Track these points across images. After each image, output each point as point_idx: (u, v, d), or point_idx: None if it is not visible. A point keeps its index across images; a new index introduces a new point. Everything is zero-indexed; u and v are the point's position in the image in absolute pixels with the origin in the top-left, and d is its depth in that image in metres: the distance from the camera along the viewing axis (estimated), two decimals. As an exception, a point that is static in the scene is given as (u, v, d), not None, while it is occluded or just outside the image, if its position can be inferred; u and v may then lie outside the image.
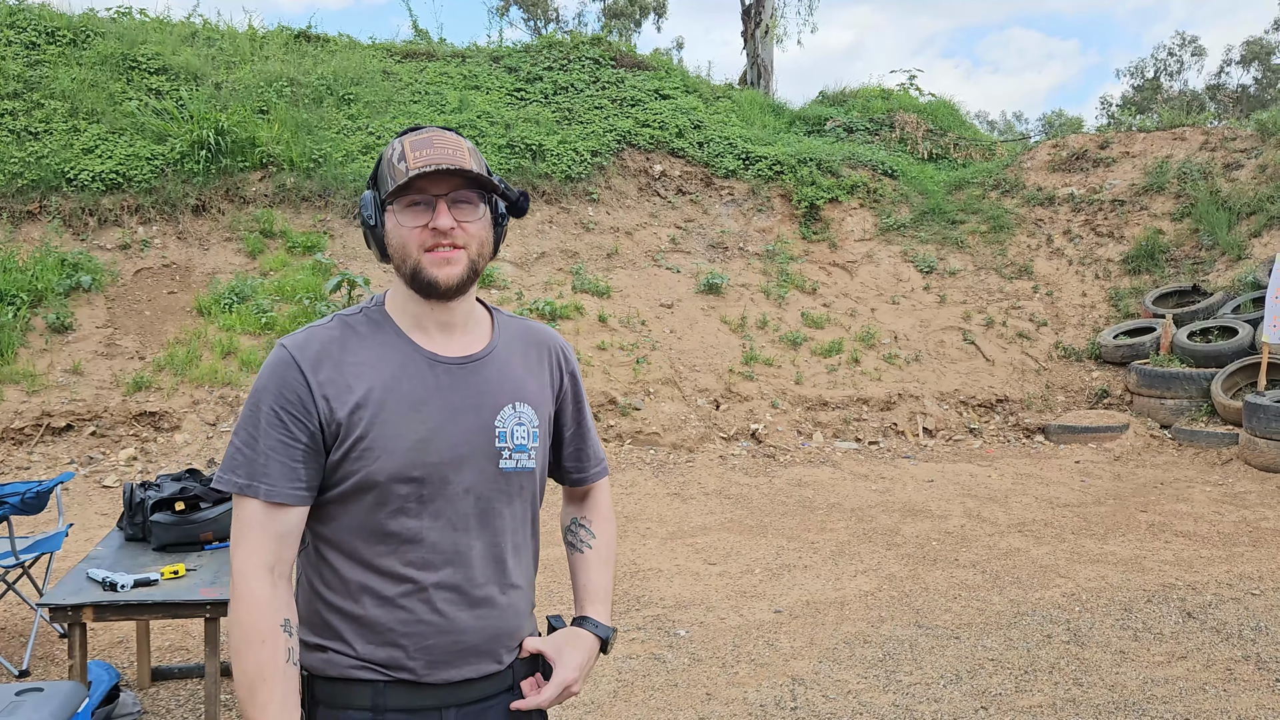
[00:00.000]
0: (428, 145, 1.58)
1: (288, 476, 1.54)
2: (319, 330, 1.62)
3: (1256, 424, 8.38)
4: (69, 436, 8.11)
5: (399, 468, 1.56)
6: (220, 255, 10.51)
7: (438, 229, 1.57)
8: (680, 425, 9.30)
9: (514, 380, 1.71)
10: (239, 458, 1.55)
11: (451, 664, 1.61)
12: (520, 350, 1.76)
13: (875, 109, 16.54)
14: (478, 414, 1.64)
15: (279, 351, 1.58)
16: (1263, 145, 13.06)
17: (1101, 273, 12.39)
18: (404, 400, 1.58)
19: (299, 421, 1.54)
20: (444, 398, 1.62)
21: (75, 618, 3.16)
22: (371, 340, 1.63)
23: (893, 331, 11.35)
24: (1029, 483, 8.21)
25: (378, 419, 1.56)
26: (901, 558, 6.14)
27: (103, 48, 12.13)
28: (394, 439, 1.56)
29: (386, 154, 1.63)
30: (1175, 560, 6.02)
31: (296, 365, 1.56)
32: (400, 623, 1.58)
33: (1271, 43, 37.84)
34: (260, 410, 1.55)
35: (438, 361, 1.63)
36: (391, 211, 1.60)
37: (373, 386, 1.58)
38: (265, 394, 1.56)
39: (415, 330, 1.65)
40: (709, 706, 4.00)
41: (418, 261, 1.58)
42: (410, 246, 1.58)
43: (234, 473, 1.55)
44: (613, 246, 11.85)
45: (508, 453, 1.66)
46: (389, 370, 1.60)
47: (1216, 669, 4.34)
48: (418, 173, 1.54)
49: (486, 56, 14.63)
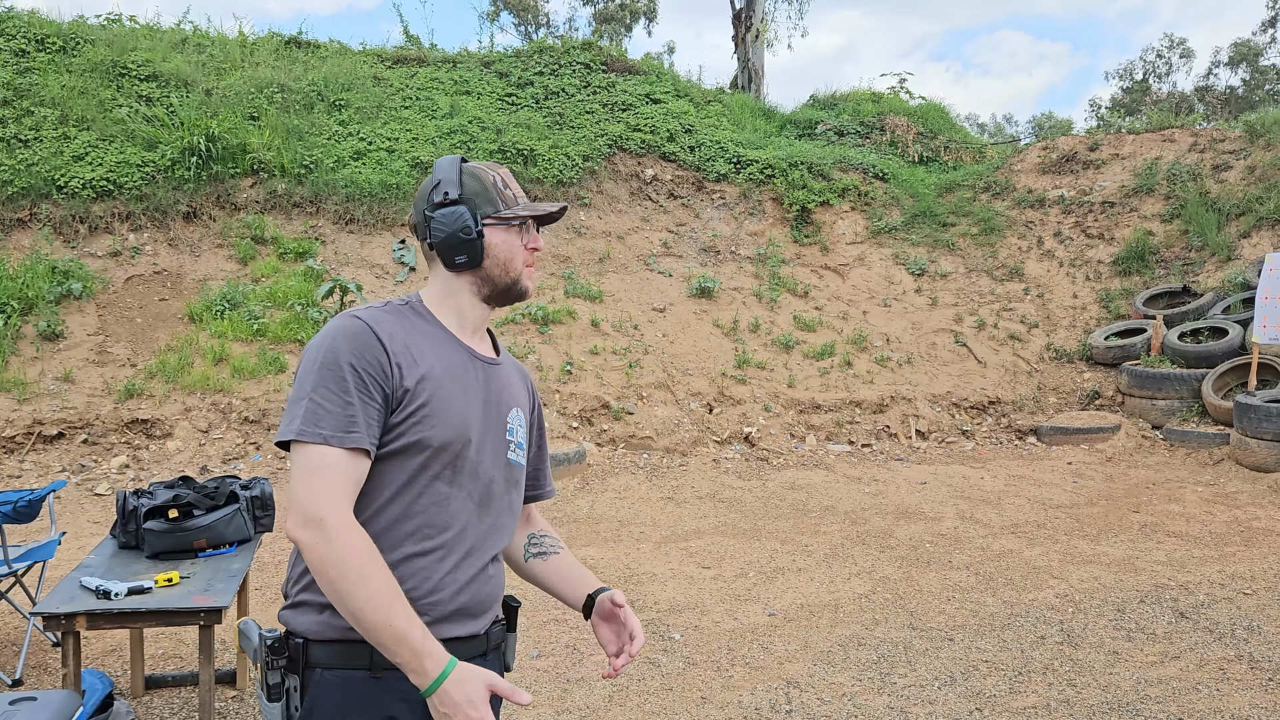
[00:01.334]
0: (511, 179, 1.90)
1: (369, 431, 1.66)
2: (382, 310, 1.78)
3: (1247, 424, 8.42)
4: (60, 445, 8.08)
5: (450, 437, 1.73)
6: (211, 262, 10.49)
7: (538, 250, 1.90)
8: (673, 429, 9.31)
9: (515, 389, 1.96)
10: (322, 412, 1.63)
11: (449, 621, 1.73)
12: (514, 369, 2.02)
13: (866, 112, 16.60)
14: (498, 408, 1.87)
15: (352, 321, 1.71)
16: (1251, 146, 13.13)
17: (1092, 274, 12.44)
18: (456, 381, 1.78)
19: (377, 383, 1.67)
20: (479, 389, 1.83)
21: (69, 626, 3.15)
22: (425, 327, 1.81)
23: (884, 334, 11.38)
24: (1021, 484, 8.23)
25: (439, 392, 1.73)
26: (895, 560, 6.15)
27: (92, 55, 12.11)
28: (449, 411, 1.74)
29: (485, 178, 1.85)
30: (1168, 560, 6.04)
31: (374, 333, 1.70)
32: (413, 577, 1.69)
33: (1259, 44, 38.04)
34: (342, 369, 1.65)
35: (475, 357, 1.85)
36: (499, 229, 1.83)
37: (434, 364, 1.75)
38: (345, 355, 1.67)
39: (456, 327, 1.85)
40: (704, 710, 4.00)
41: (520, 273, 1.87)
42: (517, 260, 1.86)
43: (319, 426, 1.62)
44: (604, 251, 11.85)
45: (513, 447, 1.90)
46: (443, 354, 1.79)
47: (1209, 669, 4.36)
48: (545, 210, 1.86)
49: (477, 62, 14.64)
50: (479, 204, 1.82)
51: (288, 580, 1.80)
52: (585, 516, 7.32)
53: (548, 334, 10.11)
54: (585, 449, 8.59)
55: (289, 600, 1.76)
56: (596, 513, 7.43)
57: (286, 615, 1.75)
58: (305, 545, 1.58)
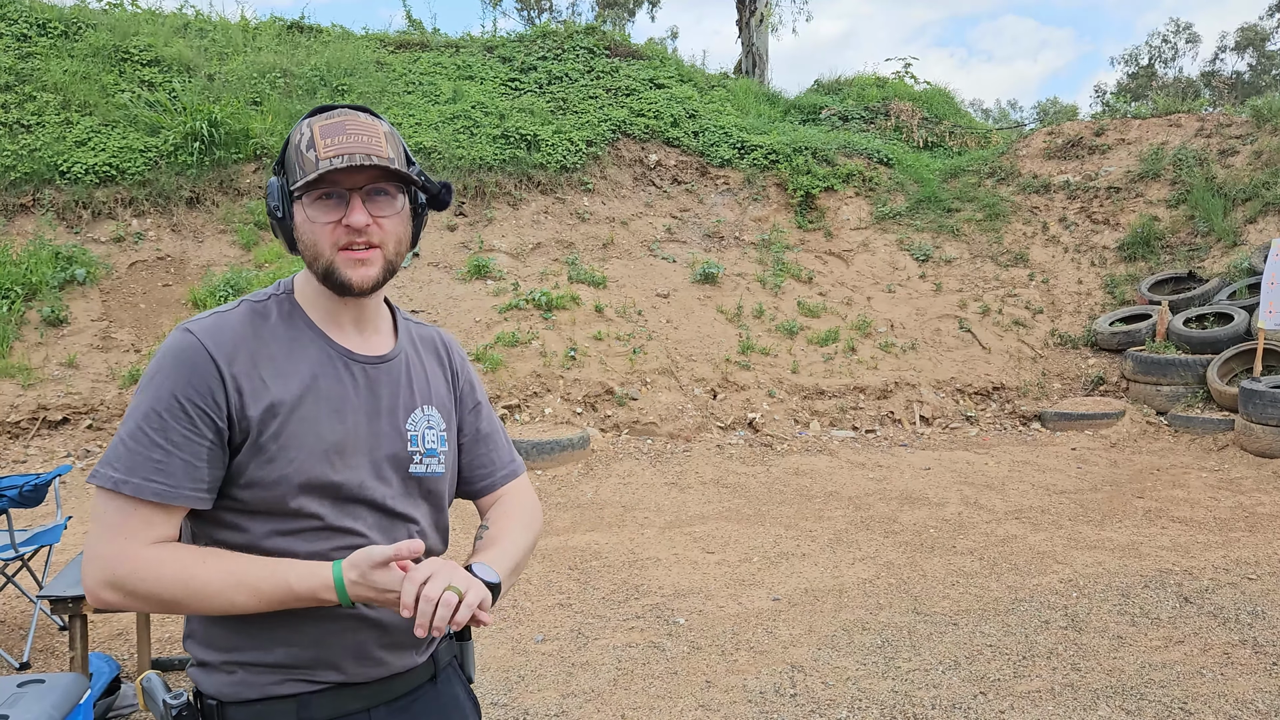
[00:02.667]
0: (340, 131, 1.45)
1: (190, 475, 1.39)
2: (228, 317, 1.48)
3: (1252, 410, 8.40)
4: (65, 430, 8.10)
5: (317, 471, 1.44)
6: (214, 247, 10.49)
7: (351, 226, 1.45)
8: (677, 415, 9.31)
9: (422, 382, 1.64)
10: (122, 450, 1.38)
11: (379, 660, 1.52)
12: (421, 352, 1.69)
13: (870, 97, 16.54)
14: (391, 418, 1.56)
15: (184, 337, 1.42)
16: (1258, 131, 13.06)
17: (1097, 260, 12.40)
18: (323, 401, 1.48)
19: (206, 416, 1.39)
20: (361, 400, 1.53)
21: (75, 610, 3.16)
22: (284, 332, 1.50)
23: (889, 320, 11.36)
24: (1026, 470, 8.23)
25: (294, 417, 1.44)
26: (899, 545, 6.15)
27: (94, 40, 12.08)
28: (312, 440, 1.45)
29: (294, 138, 1.49)
30: (1172, 546, 6.04)
31: (207, 354, 1.41)
32: (326, 621, 1.47)
33: (1266, 29, 37.84)
34: (162, 401, 1.38)
35: (353, 360, 1.54)
36: (300, 204, 1.47)
37: (290, 384, 1.46)
38: (168, 383, 1.39)
39: (329, 324, 1.55)
40: (709, 694, 4.01)
41: (331, 261, 1.46)
42: (322, 244, 1.46)
43: (112, 467, 1.37)
44: (608, 236, 11.83)
45: (419, 457, 1.58)
46: (306, 367, 1.49)
47: (1213, 653, 4.36)
48: (329, 166, 1.41)
49: (480, 47, 14.59)
50: (288, 173, 1.49)
51: (186, 634, 1.54)
52: (589, 502, 7.33)
53: (551, 320, 10.10)
54: (589, 435, 8.60)
55: (193, 658, 1.51)
56: (600, 498, 7.44)
57: (195, 674, 1.51)
58: (116, 605, 1.38)
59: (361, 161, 1.41)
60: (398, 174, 1.47)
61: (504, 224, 11.56)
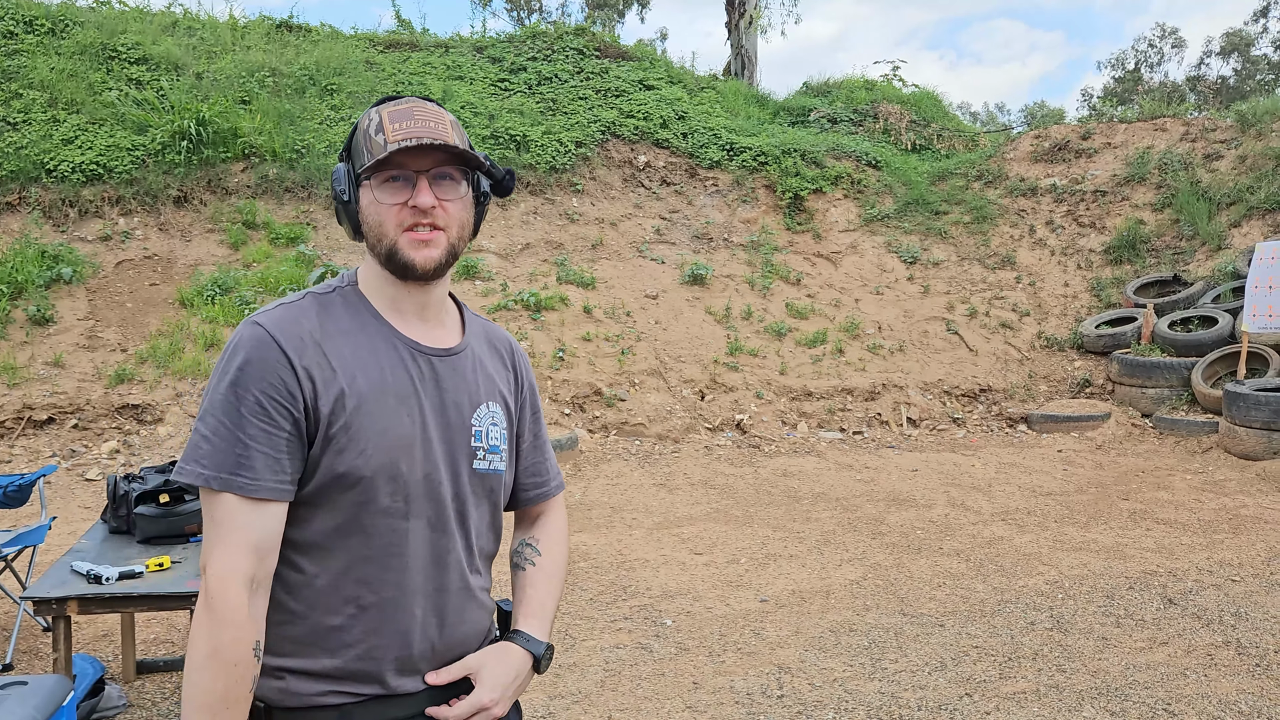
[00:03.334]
0: (408, 117, 1.47)
1: (272, 469, 1.39)
2: (294, 308, 1.48)
3: (1236, 412, 8.46)
4: (51, 429, 8.06)
5: (386, 463, 1.45)
6: (202, 247, 10.45)
7: (418, 207, 1.47)
8: (665, 416, 9.31)
9: (487, 379, 1.64)
10: (205, 447, 1.38)
11: (422, 670, 1.52)
12: (488, 349, 1.68)
13: (859, 100, 16.58)
14: (458, 411, 1.55)
15: (253, 329, 1.43)
16: (1242, 136, 13.15)
17: (1083, 262, 12.46)
18: (390, 392, 1.47)
19: (282, 408, 1.40)
20: (427, 392, 1.52)
21: (60, 611, 3.15)
22: (350, 322, 1.51)
23: (877, 322, 11.39)
24: (1012, 472, 8.26)
25: (362, 409, 1.44)
26: (886, 547, 6.18)
27: (82, 37, 12.02)
28: (380, 433, 1.45)
29: (362, 124, 1.51)
30: (1156, 547, 6.07)
31: (278, 345, 1.41)
32: (377, 629, 1.47)
33: (1251, 34, 38.10)
34: (237, 394, 1.39)
35: (420, 352, 1.54)
36: (367, 187, 1.49)
37: (356, 375, 1.45)
38: (242, 376, 1.39)
39: (393, 313, 1.55)
40: (696, 695, 4.02)
41: (394, 242, 1.48)
42: (387, 225, 1.48)
43: (199, 463, 1.38)
44: (597, 237, 11.84)
45: (482, 453, 1.58)
46: (372, 358, 1.48)
47: (1197, 654, 4.39)
48: (398, 147, 1.42)
49: (470, 47, 14.57)
50: (355, 158, 1.51)
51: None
52: (577, 503, 7.33)
53: (540, 320, 10.10)
54: (577, 435, 8.60)
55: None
56: (589, 499, 7.44)
57: None
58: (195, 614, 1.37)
59: (430, 142, 1.44)
60: (464, 156, 1.50)
61: (493, 224, 11.55)
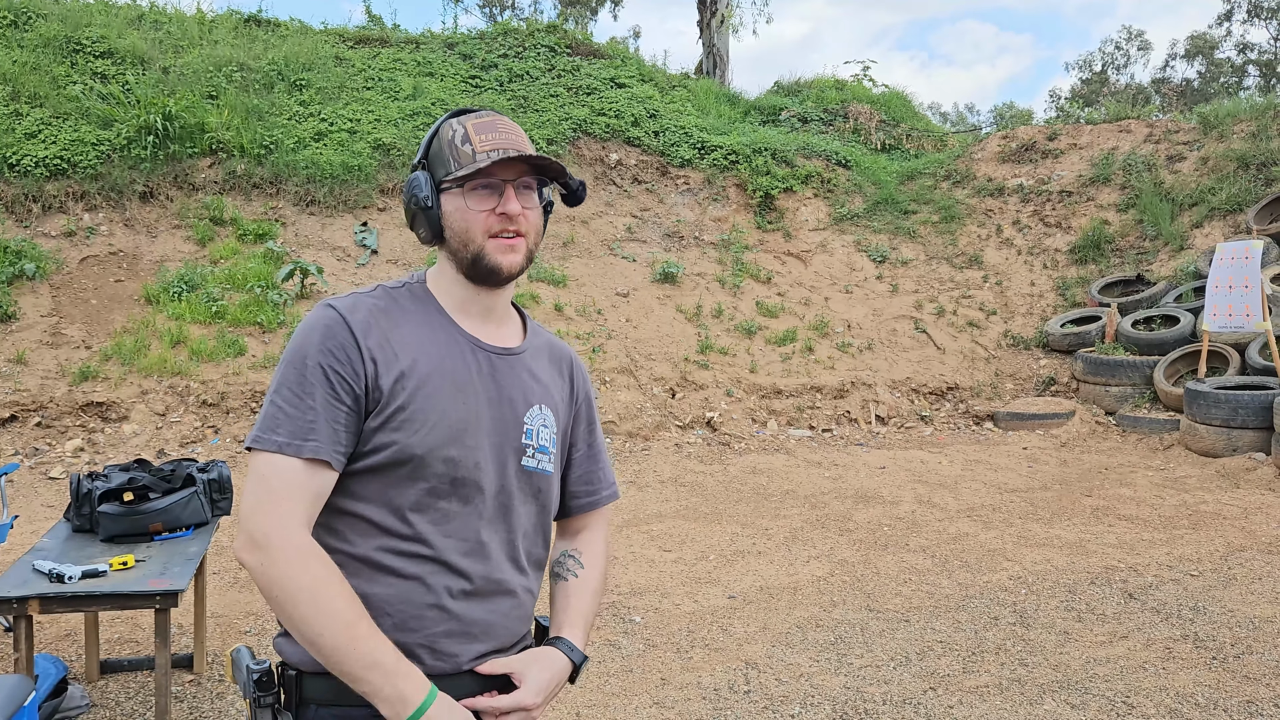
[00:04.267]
0: (493, 129, 1.57)
1: (332, 438, 1.47)
2: (365, 297, 1.58)
3: (1197, 410, 8.60)
4: (13, 427, 7.95)
5: (438, 444, 1.51)
6: (169, 243, 10.34)
7: (507, 214, 1.56)
8: (636, 414, 9.34)
9: (542, 382, 1.70)
10: (281, 416, 1.47)
11: (456, 654, 1.55)
12: (547, 358, 1.75)
13: (829, 100, 16.68)
14: (511, 407, 1.62)
15: (326, 312, 1.53)
16: (1205, 138, 13.37)
17: (1049, 262, 12.62)
18: (447, 379, 1.55)
19: (345, 383, 1.49)
20: (484, 385, 1.60)
21: (21, 610, 3.11)
22: (416, 314, 1.60)
23: (846, 320, 11.47)
24: (978, 469, 8.36)
25: (420, 391, 1.52)
26: (853, 543, 6.23)
27: (45, 30, 11.85)
28: (436, 414, 1.52)
29: (445, 135, 1.60)
30: (1118, 543, 6.17)
31: (347, 326, 1.51)
32: (415, 605, 1.51)
33: (1215, 37, 38.68)
34: (307, 368, 1.48)
35: (480, 348, 1.62)
36: (453, 194, 1.57)
37: (417, 359, 1.54)
38: (312, 352, 1.49)
39: (459, 313, 1.63)
40: (664, 691, 4.04)
41: (482, 247, 1.56)
42: (475, 231, 1.56)
43: (274, 432, 1.46)
44: (568, 235, 11.83)
45: (531, 451, 1.64)
46: (434, 347, 1.57)
47: (1156, 648, 4.47)
48: (495, 158, 1.52)
49: (441, 43, 14.52)
50: (436, 166, 1.60)
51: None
52: (547, 501, 7.33)
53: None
54: (548, 433, 8.59)
55: (282, 626, 1.54)
56: (558, 497, 7.44)
57: (280, 643, 1.56)
58: (250, 568, 1.42)
59: (517, 154, 1.53)
60: (550, 167, 1.59)
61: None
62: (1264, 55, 37.94)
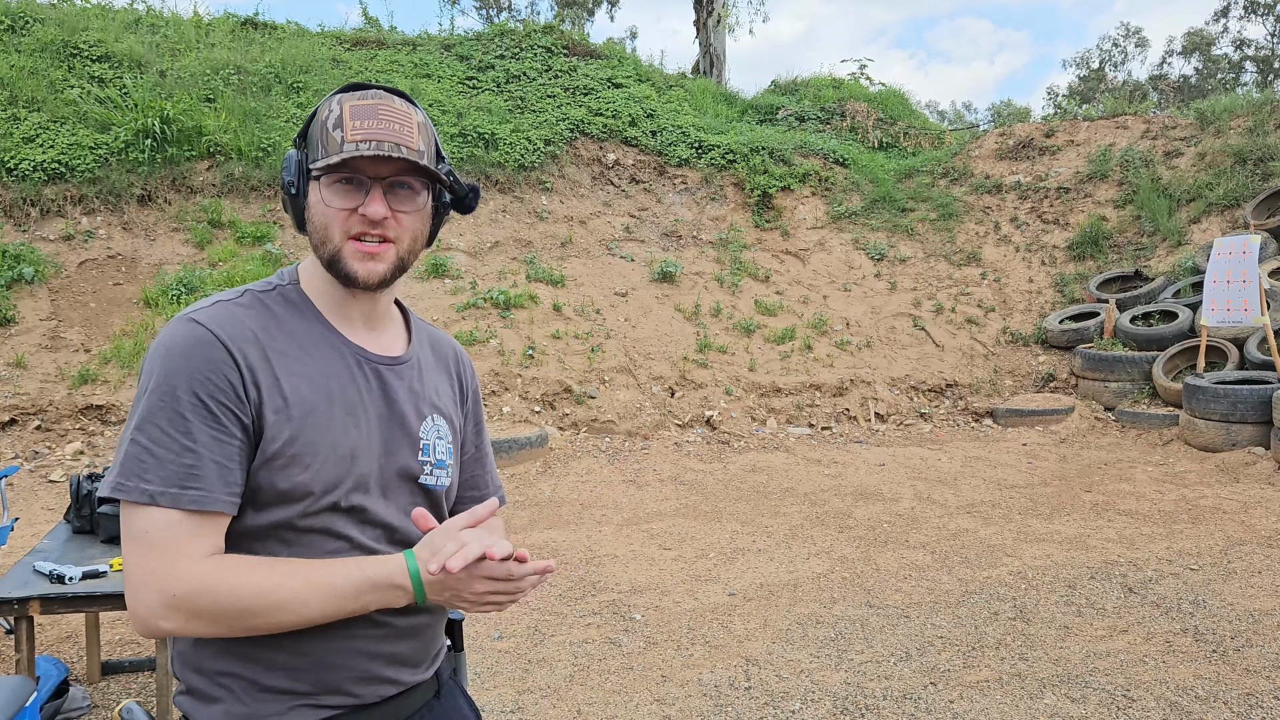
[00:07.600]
0: (371, 115, 1.35)
1: (221, 480, 1.26)
2: (233, 306, 1.35)
3: (1195, 405, 8.61)
4: (13, 431, 7.95)
5: (334, 477, 1.34)
6: (167, 246, 10.34)
7: (368, 217, 1.34)
8: (635, 413, 9.34)
9: (433, 389, 1.54)
10: (149, 460, 1.24)
11: (386, 678, 1.44)
12: (433, 358, 1.59)
13: (826, 98, 16.70)
14: (404, 424, 1.45)
15: (192, 328, 1.29)
16: (1202, 134, 13.37)
17: (1047, 259, 12.62)
18: (337, 403, 1.37)
19: (231, 412, 1.27)
20: (374, 403, 1.42)
21: (22, 611, 3.12)
22: (293, 324, 1.39)
23: (844, 318, 11.48)
24: (977, 465, 8.36)
25: (307, 422, 1.33)
26: (853, 540, 6.24)
27: (42, 34, 11.86)
28: (326, 448, 1.34)
29: (320, 112, 1.38)
30: (1118, 538, 6.17)
31: (221, 344, 1.29)
32: (338, 641, 1.37)
33: (1212, 34, 38.71)
34: (179, 400, 1.25)
35: (366, 359, 1.43)
36: (317, 184, 1.36)
37: (299, 383, 1.34)
38: (181, 380, 1.26)
39: (338, 319, 1.44)
40: (664, 688, 4.04)
41: (339, 249, 1.36)
42: (333, 230, 1.35)
43: (142, 479, 1.23)
44: (566, 235, 11.84)
45: (429, 468, 1.48)
46: (318, 366, 1.37)
47: (1156, 641, 4.47)
48: (354, 153, 1.30)
49: (438, 44, 14.53)
50: (311, 148, 1.38)
51: (173, 655, 1.39)
52: (547, 500, 7.34)
53: (509, 318, 10.09)
54: (547, 433, 8.60)
55: (181, 684, 1.37)
56: (558, 496, 7.45)
57: (184, 704, 1.37)
58: (179, 632, 1.25)
59: (389, 152, 1.32)
60: (425, 170, 1.38)
61: (462, 222, 11.52)
62: (1261, 51, 37.98)
